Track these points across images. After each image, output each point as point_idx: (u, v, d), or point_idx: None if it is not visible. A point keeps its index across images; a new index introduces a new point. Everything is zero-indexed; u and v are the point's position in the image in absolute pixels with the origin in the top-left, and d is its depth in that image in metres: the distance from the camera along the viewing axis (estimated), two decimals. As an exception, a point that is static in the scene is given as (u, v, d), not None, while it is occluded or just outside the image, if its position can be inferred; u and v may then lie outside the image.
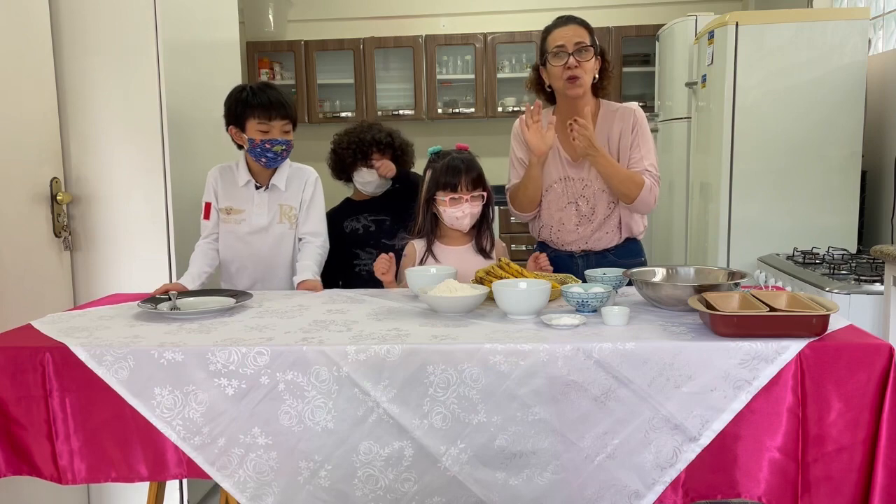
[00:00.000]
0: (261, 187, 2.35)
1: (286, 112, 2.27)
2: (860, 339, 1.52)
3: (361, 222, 2.69)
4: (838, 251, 2.99)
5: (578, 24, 2.27)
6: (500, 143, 5.14)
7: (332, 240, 2.58)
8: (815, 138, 3.27)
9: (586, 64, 2.24)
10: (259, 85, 2.31)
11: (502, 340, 1.54)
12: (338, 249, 2.64)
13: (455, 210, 2.16)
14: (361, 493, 1.55)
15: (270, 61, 5.42)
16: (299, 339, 1.60)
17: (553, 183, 2.37)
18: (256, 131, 2.25)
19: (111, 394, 1.56)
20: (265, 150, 2.26)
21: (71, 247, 2.52)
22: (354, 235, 2.69)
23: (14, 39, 2.27)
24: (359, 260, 2.68)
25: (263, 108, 2.24)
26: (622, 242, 2.39)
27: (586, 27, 2.27)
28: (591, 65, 2.26)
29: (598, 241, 2.37)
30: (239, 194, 2.36)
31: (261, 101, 2.25)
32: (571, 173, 2.34)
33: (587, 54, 2.23)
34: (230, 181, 2.37)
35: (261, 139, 2.25)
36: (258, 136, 2.25)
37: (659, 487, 1.51)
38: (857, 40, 3.21)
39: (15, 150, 2.26)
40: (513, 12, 5.41)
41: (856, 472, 1.47)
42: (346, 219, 2.70)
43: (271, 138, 2.26)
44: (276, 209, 2.36)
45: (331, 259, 2.65)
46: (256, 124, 2.25)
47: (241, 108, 2.27)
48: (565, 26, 2.27)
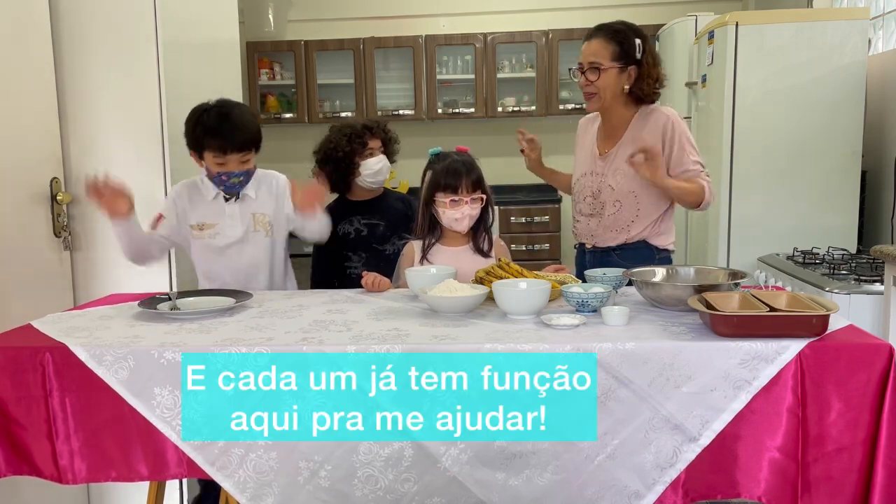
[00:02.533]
0: (230, 198, 2.29)
1: (242, 145, 2.18)
2: (860, 339, 1.52)
3: (354, 225, 2.64)
4: (838, 251, 2.99)
5: (602, 39, 2.28)
6: (500, 144, 5.15)
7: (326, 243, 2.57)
8: (815, 138, 3.27)
9: (599, 82, 2.28)
10: (216, 112, 2.18)
11: (502, 340, 1.54)
12: (331, 251, 2.62)
13: (454, 212, 2.16)
14: (361, 494, 1.55)
15: (270, 61, 5.41)
16: (299, 339, 1.60)
17: (581, 176, 2.46)
18: (213, 163, 2.19)
19: (111, 394, 1.56)
20: (222, 181, 2.22)
21: (71, 247, 2.52)
22: (346, 238, 2.63)
23: (14, 39, 2.27)
24: (349, 262, 2.63)
25: (217, 143, 2.16)
26: (633, 244, 2.35)
27: (612, 39, 2.27)
28: (607, 80, 2.28)
29: (604, 238, 2.39)
30: (209, 209, 2.29)
31: (214, 135, 2.16)
32: (596, 168, 2.40)
33: (593, 75, 2.28)
34: (198, 197, 2.29)
35: (217, 171, 2.20)
36: (214, 168, 2.20)
37: (659, 487, 1.51)
38: (857, 40, 3.21)
39: (15, 150, 2.26)
40: (513, 12, 5.40)
41: (856, 472, 1.47)
42: (340, 221, 2.63)
43: (228, 171, 2.20)
44: (249, 218, 2.30)
45: (324, 260, 2.67)
46: (212, 157, 2.18)
47: (197, 137, 2.19)
48: (589, 41, 2.32)
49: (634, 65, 2.28)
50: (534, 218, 5.06)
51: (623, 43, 2.27)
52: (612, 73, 2.27)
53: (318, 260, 2.72)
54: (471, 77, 5.27)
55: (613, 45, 2.27)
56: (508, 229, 5.01)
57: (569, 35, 5.05)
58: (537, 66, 5.16)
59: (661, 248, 2.38)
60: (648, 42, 2.32)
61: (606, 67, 2.27)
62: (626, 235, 2.35)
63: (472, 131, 5.39)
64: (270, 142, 2.41)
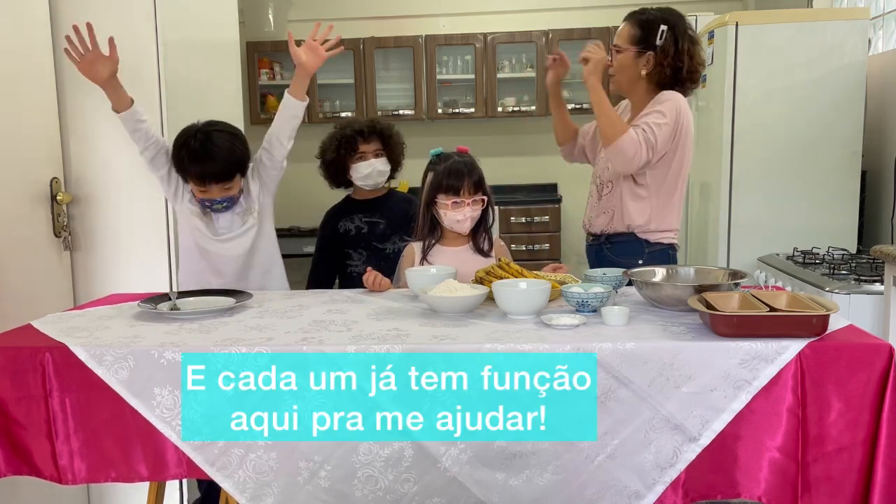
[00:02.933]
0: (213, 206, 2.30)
1: (221, 175, 2.19)
2: (860, 339, 1.52)
3: (355, 223, 2.67)
4: (838, 251, 2.99)
5: (628, 22, 2.37)
6: (500, 143, 5.16)
7: (328, 239, 2.63)
8: (815, 138, 3.27)
9: (617, 63, 2.36)
10: (200, 139, 2.17)
11: (502, 340, 1.54)
12: (333, 249, 2.66)
13: (456, 213, 2.16)
14: (361, 494, 1.55)
15: (270, 61, 5.41)
16: (299, 339, 1.60)
17: (600, 158, 2.48)
18: (196, 189, 2.23)
19: (111, 394, 1.56)
20: (206, 206, 2.26)
21: (71, 247, 2.52)
22: (347, 236, 2.66)
23: (14, 39, 2.27)
24: (350, 260, 2.66)
25: (197, 171, 2.18)
26: (621, 234, 2.37)
27: (636, 23, 2.34)
28: (623, 63, 2.34)
29: (597, 223, 2.43)
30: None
31: (194, 164, 2.17)
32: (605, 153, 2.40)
33: (615, 54, 2.36)
34: None
35: (200, 197, 2.24)
36: (197, 195, 2.24)
37: (659, 487, 1.51)
38: (857, 40, 3.21)
39: (15, 150, 2.26)
40: (513, 12, 5.40)
41: (856, 472, 1.47)
42: (342, 218, 2.68)
43: (210, 198, 2.23)
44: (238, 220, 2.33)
45: (326, 258, 2.70)
46: (193, 185, 2.22)
47: (180, 161, 2.20)
48: (622, 24, 2.39)
49: (652, 50, 2.31)
50: (534, 218, 5.06)
51: (644, 27, 2.32)
52: (629, 56, 2.33)
53: (319, 258, 2.74)
54: (471, 77, 5.27)
55: (635, 29, 2.33)
56: (508, 229, 5.01)
57: (569, 35, 5.04)
58: (537, 66, 5.15)
59: (653, 242, 2.36)
60: (678, 30, 2.32)
61: (623, 50, 2.34)
62: (614, 221, 2.37)
63: (472, 131, 5.39)
64: (271, 142, 2.41)
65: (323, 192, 2.53)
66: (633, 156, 2.21)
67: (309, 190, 3.29)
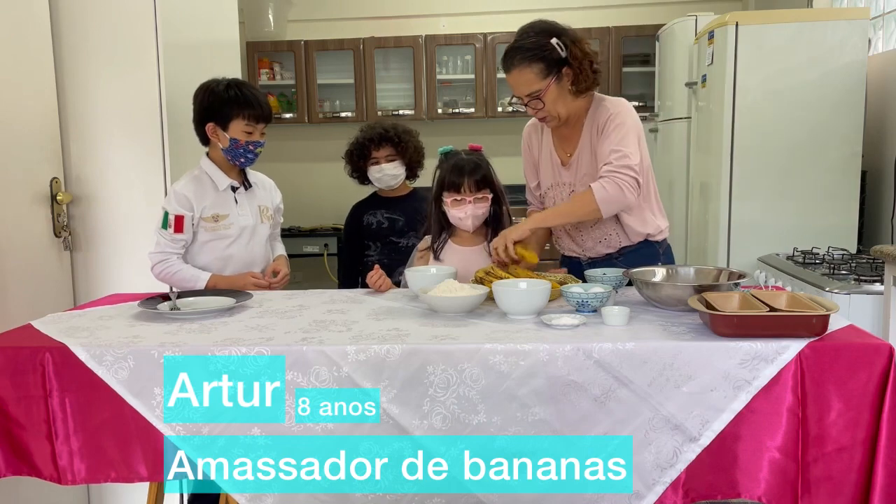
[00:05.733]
0: (238, 188, 2.31)
1: (270, 115, 2.27)
2: (860, 339, 1.52)
3: (377, 217, 2.87)
4: (838, 251, 2.99)
5: (522, 66, 2.07)
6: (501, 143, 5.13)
7: (353, 230, 2.89)
8: (815, 138, 3.27)
9: (546, 106, 2.10)
10: (242, 85, 2.22)
11: (502, 340, 1.54)
12: (356, 239, 2.90)
13: (458, 211, 2.16)
14: (361, 494, 1.55)
15: (270, 61, 5.41)
16: (299, 339, 1.60)
17: (548, 188, 2.29)
18: (241, 132, 2.20)
19: (111, 394, 1.56)
20: (247, 150, 2.22)
21: (71, 247, 2.52)
22: (369, 229, 2.87)
23: (14, 39, 2.27)
24: (369, 251, 2.88)
25: (253, 111, 2.19)
26: (633, 246, 2.21)
27: (531, 58, 2.06)
28: (552, 99, 2.09)
29: (597, 248, 2.24)
30: (220, 200, 2.27)
31: (251, 102, 2.18)
32: (562, 178, 2.25)
33: (538, 103, 2.10)
34: (207, 189, 2.26)
35: (245, 140, 2.21)
36: (242, 138, 2.20)
37: (659, 488, 1.51)
38: (857, 40, 3.21)
39: (15, 150, 2.26)
40: (513, 12, 5.39)
41: (856, 472, 1.47)
42: (367, 212, 2.88)
43: (255, 140, 2.22)
44: (256, 209, 2.35)
45: (349, 248, 2.95)
46: (243, 125, 2.19)
47: (227, 107, 2.19)
48: (510, 73, 2.11)
49: (565, 64, 2.07)
50: (534, 218, 5.05)
51: (543, 56, 2.06)
52: (553, 90, 2.08)
53: (346, 248, 3.03)
54: (471, 77, 5.27)
55: (536, 64, 2.06)
56: (508, 229, 5.00)
57: (569, 35, 5.04)
58: (537, 66, 5.15)
59: (660, 242, 2.24)
60: (556, 30, 2.10)
61: (543, 89, 2.07)
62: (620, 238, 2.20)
63: (472, 131, 5.38)
64: (271, 141, 2.41)
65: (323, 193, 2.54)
66: (622, 195, 2.01)
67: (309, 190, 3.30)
